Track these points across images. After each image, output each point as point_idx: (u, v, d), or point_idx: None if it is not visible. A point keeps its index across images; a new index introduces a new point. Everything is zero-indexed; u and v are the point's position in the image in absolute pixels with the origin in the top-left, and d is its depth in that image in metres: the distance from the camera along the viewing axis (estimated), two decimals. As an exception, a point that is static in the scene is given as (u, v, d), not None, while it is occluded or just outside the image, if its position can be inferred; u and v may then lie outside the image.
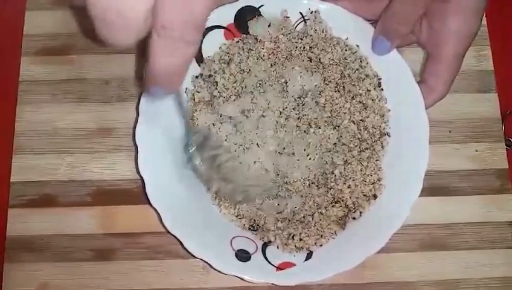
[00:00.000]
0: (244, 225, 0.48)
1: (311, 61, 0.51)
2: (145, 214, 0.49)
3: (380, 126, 0.50)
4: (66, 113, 0.53)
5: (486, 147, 0.53)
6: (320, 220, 0.48)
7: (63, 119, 0.53)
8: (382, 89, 0.51)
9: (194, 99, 0.51)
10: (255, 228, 0.48)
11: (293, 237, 0.47)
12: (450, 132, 0.53)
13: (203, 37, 0.51)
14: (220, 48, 0.52)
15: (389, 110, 0.51)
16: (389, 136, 0.50)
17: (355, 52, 0.52)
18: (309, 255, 0.47)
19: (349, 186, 0.48)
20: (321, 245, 0.47)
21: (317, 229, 0.48)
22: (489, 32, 0.56)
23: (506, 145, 0.53)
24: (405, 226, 0.47)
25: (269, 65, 0.51)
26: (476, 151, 0.53)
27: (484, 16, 0.55)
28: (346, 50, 0.52)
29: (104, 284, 0.49)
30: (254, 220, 0.48)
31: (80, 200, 0.51)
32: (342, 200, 0.48)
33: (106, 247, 0.50)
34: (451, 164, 0.52)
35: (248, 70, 0.51)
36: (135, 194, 0.50)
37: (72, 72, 0.54)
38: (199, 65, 0.52)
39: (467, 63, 0.54)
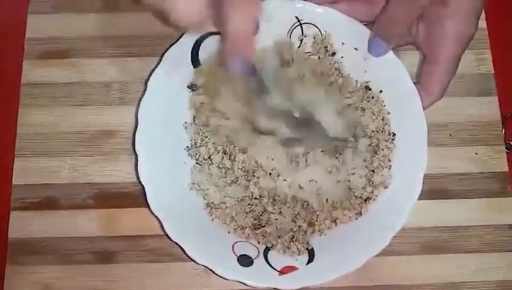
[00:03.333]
0: (243, 233, 0.49)
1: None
2: (147, 216, 0.49)
3: (384, 128, 0.51)
4: (68, 116, 0.53)
5: (486, 150, 0.53)
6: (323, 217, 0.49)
7: (65, 122, 0.53)
8: (381, 91, 0.51)
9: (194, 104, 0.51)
10: (257, 227, 0.49)
11: (295, 239, 0.48)
12: (450, 135, 0.53)
13: (200, 43, 0.51)
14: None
15: (389, 113, 0.51)
16: (393, 139, 0.50)
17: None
18: (311, 259, 0.47)
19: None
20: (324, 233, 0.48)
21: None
22: (490, 35, 0.56)
23: (506, 148, 0.53)
24: (405, 229, 0.47)
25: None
26: (476, 154, 0.53)
27: (484, 19, 0.56)
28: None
29: (106, 287, 0.49)
30: (254, 227, 0.49)
31: (81, 202, 0.51)
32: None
33: (108, 250, 0.50)
34: (451, 167, 0.52)
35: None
36: (137, 197, 0.51)
37: (74, 76, 0.54)
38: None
39: (467, 66, 0.54)
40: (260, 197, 0.49)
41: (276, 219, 0.49)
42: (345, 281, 0.48)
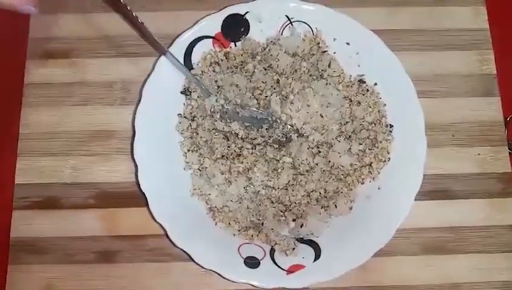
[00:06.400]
0: (247, 234, 0.49)
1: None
2: (148, 216, 0.49)
3: (380, 120, 0.51)
4: (70, 116, 0.53)
5: (489, 150, 0.53)
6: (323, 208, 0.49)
7: (67, 122, 0.53)
8: (375, 84, 0.52)
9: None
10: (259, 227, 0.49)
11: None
12: (452, 135, 0.53)
13: (193, 47, 0.52)
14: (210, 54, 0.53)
15: (385, 105, 0.51)
16: (391, 130, 0.50)
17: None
18: (318, 256, 0.48)
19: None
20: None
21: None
22: (492, 36, 0.56)
23: (509, 149, 0.53)
24: (407, 229, 0.47)
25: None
26: (479, 155, 0.53)
27: (487, 20, 0.56)
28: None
29: (107, 286, 0.49)
30: (257, 226, 0.49)
31: (83, 202, 0.51)
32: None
33: (109, 249, 0.50)
34: (453, 168, 0.52)
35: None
36: (138, 196, 0.50)
37: (76, 75, 0.54)
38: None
39: (469, 66, 0.54)
40: (258, 192, 0.50)
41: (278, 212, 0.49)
42: (345, 282, 0.48)
